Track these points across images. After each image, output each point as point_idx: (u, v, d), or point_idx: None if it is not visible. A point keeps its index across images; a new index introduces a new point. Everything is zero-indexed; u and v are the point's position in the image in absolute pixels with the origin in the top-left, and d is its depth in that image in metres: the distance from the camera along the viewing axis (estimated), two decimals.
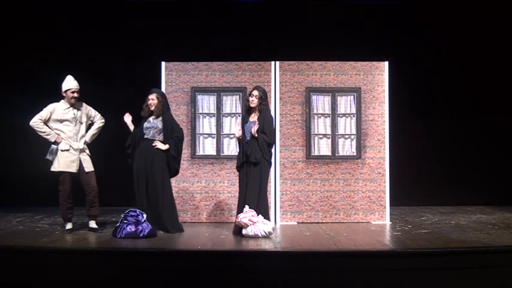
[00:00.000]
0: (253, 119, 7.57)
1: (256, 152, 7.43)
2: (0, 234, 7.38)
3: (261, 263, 6.18)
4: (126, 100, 8.13)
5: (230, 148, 8.71)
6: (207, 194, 8.67)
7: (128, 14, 10.28)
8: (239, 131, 7.58)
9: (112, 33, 10.22)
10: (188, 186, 8.68)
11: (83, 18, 10.25)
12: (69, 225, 7.57)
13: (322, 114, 8.75)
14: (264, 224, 7.24)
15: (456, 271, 6.07)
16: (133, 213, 7.23)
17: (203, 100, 8.78)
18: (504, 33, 10.44)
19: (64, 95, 7.53)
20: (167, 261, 6.19)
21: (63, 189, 7.46)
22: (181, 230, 7.59)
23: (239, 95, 8.73)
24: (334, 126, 8.72)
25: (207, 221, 8.62)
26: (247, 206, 7.35)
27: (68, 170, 7.42)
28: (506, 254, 6.25)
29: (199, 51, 9.97)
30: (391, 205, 8.74)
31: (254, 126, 7.44)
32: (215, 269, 6.10)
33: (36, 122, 7.42)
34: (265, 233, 7.19)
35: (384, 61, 8.79)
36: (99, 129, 7.75)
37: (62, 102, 7.54)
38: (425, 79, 10.51)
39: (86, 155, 7.57)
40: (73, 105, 7.53)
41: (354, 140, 8.71)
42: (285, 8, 10.39)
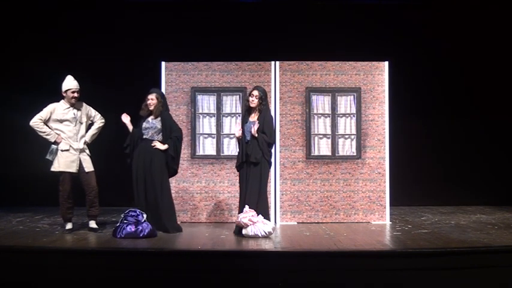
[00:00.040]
0: (253, 119, 7.57)
1: (256, 152, 7.43)
2: (0, 234, 7.38)
3: (261, 263, 6.18)
4: (126, 100, 8.14)
5: (230, 148, 8.71)
6: (207, 194, 8.67)
7: (128, 14, 10.29)
8: (239, 130, 7.58)
9: (112, 33, 10.22)
10: (188, 186, 8.68)
11: (83, 18, 10.25)
12: (69, 225, 7.57)
13: (322, 114, 8.75)
14: (264, 224, 7.24)
15: (456, 271, 6.07)
16: (133, 213, 7.24)
17: (203, 100, 8.79)
18: (504, 33, 10.44)
19: (64, 95, 7.53)
20: (167, 261, 6.19)
21: (63, 189, 7.47)
22: (180, 230, 7.60)
23: (239, 95, 8.73)
24: (334, 126, 8.73)
25: (207, 221, 8.62)
26: (247, 206, 7.35)
27: (68, 170, 7.43)
28: (506, 254, 6.25)
29: (199, 51, 9.97)
30: (391, 205, 8.74)
31: (254, 126, 7.44)
32: (215, 269, 6.10)
33: (36, 122, 7.42)
34: (265, 233, 7.19)
35: (384, 61, 8.79)
36: (99, 129, 7.75)
37: (62, 102, 7.54)
38: (425, 79, 10.51)
39: (86, 155, 7.58)
40: (73, 105, 7.53)
41: (354, 140, 8.71)
42: (285, 8, 10.39)
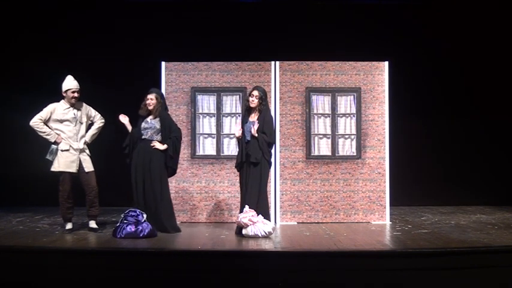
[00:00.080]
0: (253, 119, 7.57)
1: (256, 152, 7.42)
2: (0, 234, 7.38)
3: (261, 263, 6.18)
4: (126, 100, 8.13)
5: (230, 148, 8.71)
6: (207, 194, 8.67)
7: (128, 14, 10.29)
8: (239, 130, 7.57)
9: (112, 33, 10.22)
10: (188, 186, 8.68)
11: (83, 18, 10.25)
12: (69, 225, 7.57)
13: (322, 114, 8.75)
14: (264, 224, 7.24)
15: (456, 271, 6.07)
16: (133, 213, 7.23)
17: (203, 100, 8.79)
18: (504, 33, 10.44)
19: (64, 95, 7.53)
20: (167, 261, 6.19)
21: (63, 189, 7.47)
22: (179, 231, 7.60)
23: (239, 95, 8.73)
24: (334, 126, 8.73)
25: (207, 221, 8.62)
26: (247, 206, 7.35)
27: (68, 170, 7.43)
28: (506, 254, 6.25)
29: (199, 51, 9.97)
30: (391, 205, 8.74)
31: (254, 126, 7.44)
32: (215, 269, 6.10)
33: (36, 122, 7.42)
34: (265, 233, 7.19)
35: (384, 61, 8.79)
36: (99, 129, 7.75)
37: (62, 102, 7.54)
38: (425, 79, 10.51)
39: (86, 155, 7.58)
40: (73, 105, 7.53)
41: (354, 140, 8.71)
42: (285, 8, 10.39)
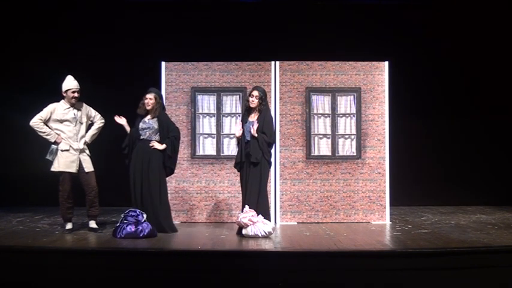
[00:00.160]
0: (253, 119, 7.57)
1: (256, 152, 7.42)
2: (0, 234, 7.38)
3: (261, 263, 6.18)
4: (126, 100, 8.12)
5: (230, 148, 8.71)
6: (207, 194, 8.67)
7: (128, 14, 10.28)
8: (240, 130, 7.56)
9: (112, 33, 10.22)
10: (188, 186, 8.68)
11: (83, 18, 10.25)
12: (69, 225, 7.58)
13: (322, 114, 8.75)
14: (264, 224, 7.24)
15: (456, 271, 6.07)
16: (133, 213, 7.24)
17: (203, 100, 8.78)
18: (504, 33, 10.44)
19: (64, 95, 7.53)
20: (167, 261, 6.19)
21: (63, 189, 7.47)
22: (176, 230, 7.60)
23: (239, 95, 8.73)
24: (334, 126, 8.73)
25: (207, 221, 8.62)
26: (247, 206, 7.36)
27: (68, 170, 7.43)
28: (506, 254, 6.25)
29: (199, 51, 9.97)
30: (391, 205, 8.74)
31: (253, 127, 7.44)
32: (215, 269, 6.10)
33: (36, 122, 7.42)
34: (265, 233, 7.19)
35: (384, 61, 8.79)
36: (99, 129, 7.75)
37: (62, 102, 7.54)
38: (425, 79, 10.51)
39: (85, 155, 7.58)
40: (73, 105, 7.53)
41: (354, 140, 8.71)
42: (285, 8, 10.39)
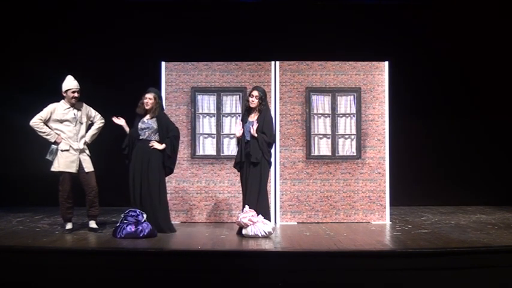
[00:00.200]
0: (253, 119, 7.57)
1: (256, 152, 7.42)
2: (0, 234, 7.38)
3: (261, 263, 6.18)
4: (126, 100, 8.12)
5: (230, 148, 8.71)
6: (207, 194, 8.67)
7: (128, 14, 10.28)
8: (240, 130, 7.56)
9: (112, 33, 10.22)
10: (188, 186, 8.68)
11: (83, 18, 10.25)
12: (69, 225, 7.58)
13: (322, 114, 8.75)
14: (264, 224, 7.24)
15: (456, 271, 6.06)
16: (133, 213, 7.24)
17: (203, 100, 8.79)
18: (504, 33, 10.44)
19: (64, 95, 7.53)
20: (167, 261, 6.19)
21: (63, 189, 7.47)
22: (175, 230, 7.60)
23: (239, 95, 8.73)
24: (334, 126, 8.72)
25: (207, 221, 8.62)
26: (247, 206, 7.36)
27: (68, 170, 7.42)
28: (506, 254, 6.25)
29: (199, 51, 9.97)
30: (391, 205, 8.74)
31: (253, 127, 7.44)
32: (215, 269, 6.10)
33: (36, 122, 7.42)
34: (265, 233, 7.19)
35: (384, 61, 8.79)
36: (99, 129, 7.75)
37: (62, 102, 7.54)
38: (425, 79, 10.51)
39: (85, 155, 7.58)
40: (73, 106, 7.53)
41: (354, 140, 8.71)
42: (285, 8, 10.39)
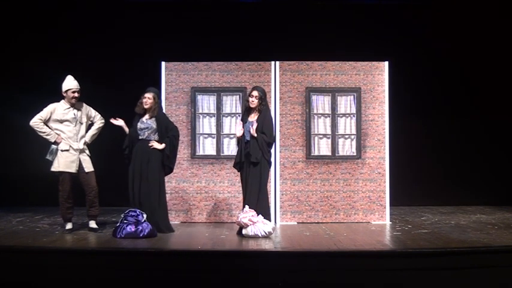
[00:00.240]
0: (253, 119, 7.57)
1: (256, 152, 7.42)
2: (0, 234, 7.38)
3: (261, 263, 6.18)
4: (126, 100, 8.13)
5: (230, 148, 8.71)
6: (207, 194, 8.67)
7: (128, 14, 10.28)
8: (241, 130, 7.56)
9: (112, 33, 10.22)
10: (188, 186, 8.68)
11: (83, 18, 10.25)
12: (69, 225, 7.58)
13: (322, 114, 8.75)
14: (264, 224, 7.24)
15: (456, 271, 6.06)
16: (133, 213, 7.24)
17: (203, 100, 8.79)
18: (504, 33, 10.44)
19: (64, 95, 7.53)
20: (167, 261, 6.19)
21: (63, 189, 7.47)
22: (173, 230, 7.60)
23: (239, 95, 8.73)
24: (334, 126, 8.72)
25: (207, 221, 8.62)
26: (247, 206, 7.36)
27: (68, 170, 7.42)
28: (506, 254, 6.25)
29: (199, 51, 9.96)
30: (391, 205, 8.74)
31: (253, 127, 7.44)
32: (215, 269, 6.10)
33: (36, 122, 7.42)
34: (265, 233, 7.19)
35: (384, 61, 8.79)
36: (99, 129, 7.75)
37: (62, 102, 7.54)
38: (425, 79, 10.51)
39: (85, 155, 7.58)
40: (73, 106, 7.53)
41: (354, 140, 8.71)
42: (285, 8, 10.39)
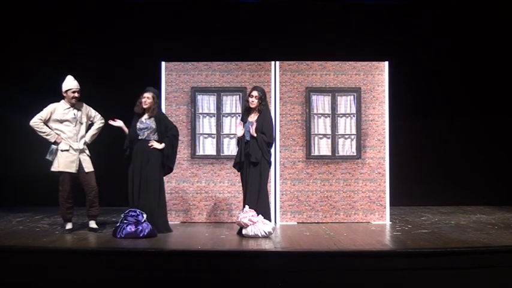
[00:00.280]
0: (253, 119, 7.56)
1: (256, 152, 7.42)
2: (0, 234, 7.38)
3: (261, 263, 6.18)
4: (126, 100, 8.13)
5: (230, 148, 8.71)
6: (207, 194, 8.67)
7: (128, 14, 10.29)
8: (242, 130, 7.54)
9: (112, 33, 10.22)
10: (188, 186, 8.68)
11: (83, 18, 10.25)
12: (69, 225, 7.58)
13: (322, 114, 8.75)
14: (264, 224, 7.24)
15: (456, 271, 6.06)
16: (133, 213, 7.24)
17: (203, 100, 8.78)
18: (504, 33, 10.44)
19: (64, 95, 7.53)
20: (167, 261, 6.19)
21: (63, 189, 7.47)
22: (171, 231, 7.59)
23: (239, 95, 8.73)
24: (334, 126, 8.72)
25: (207, 221, 8.62)
26: (247, 206, 7.36)
27: (68, 170, 7.42)
28: (506, 254, 6.25)
29: (199, 51, 9.97)
30: (391, 205, 8.74)
31: (252, 127, 7.44)
32: (215, 269, 6.10)
33: (36, 122, 7.42)
34: (265, 233, 7.19)
35: (384, 61, 8.79)
36: (99, 129, 7.75)
37: (62, 102, 7.54)
38: (425, 79, 10.51)
39: (85, 155, 7.57)
40: (73, 106, 7.53)
41: (354, 140, 8.71)
42: (285, 8, 10.39)
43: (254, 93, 7.55)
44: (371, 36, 10.20)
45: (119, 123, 7.59)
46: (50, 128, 7.47)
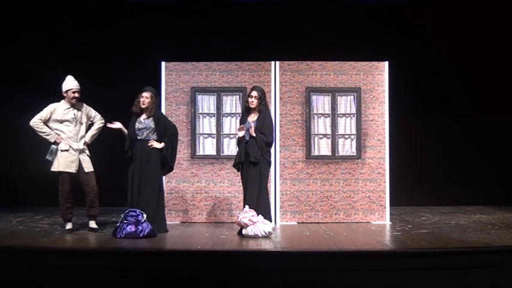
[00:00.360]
0: (253, 119, 7.57)
1: (255, 152, 7.43)
2: (0, 234, 7.38)
3: (261, 263, 6.18)
4: (126, 100, 8.13)
5: (230, 148, 8.71)
6: (207, 194, 8.67)
7: (128, 14, 10.29)
8: (243, 132, 7.54)
9: (112, 33, 10.22)
10: (188, 186, 8.68)
11: (83, 18, 10.25)
12: (69, 225, 7.58)
13: (322, 114, 8.75)
14: (264, 224, 7.24)
15: (456, 271, 6.06)
16: (133, 213, 7.23)
17: (203, 100, 8.78)
18: (504, 33, 10.44)
19: (64, 95, 7.53)
20: (167, 261, 6.19)
21: (63, 189, 7.47)
22: (167, 231, 7.58)
23: (239, 95, 8.73)
24: (334, 126, 8.72)
25: (207, 221, 8.62)
26: (247, 206, 7.36)
27: (68, 170, 7.42)
28: (506, 254, 6.25)
29: (199, 51, 9.97)
30: (391, 205, 8.74)
31: (252, 126, 7.43)
32: (215, 269, 6.10)
33: (36, 122, 7.42)
34: (265, 233, 7.19)
35: (384, 61, 8.79)
36: (99, 129, 7.75)
37: (63, 102, 7.54)
38: (425, 79, 10.51)
39: (85, 155, 7.57)
40: (73, 106, 7.53)
41: (354, 140, 8.71)
42: (284, 8, 10.39)
43: (254, 93, 7.55)
44: (371, 36, 10.20)
45: (117, 125, 7.58)
46: (50, 128, 7.47)
